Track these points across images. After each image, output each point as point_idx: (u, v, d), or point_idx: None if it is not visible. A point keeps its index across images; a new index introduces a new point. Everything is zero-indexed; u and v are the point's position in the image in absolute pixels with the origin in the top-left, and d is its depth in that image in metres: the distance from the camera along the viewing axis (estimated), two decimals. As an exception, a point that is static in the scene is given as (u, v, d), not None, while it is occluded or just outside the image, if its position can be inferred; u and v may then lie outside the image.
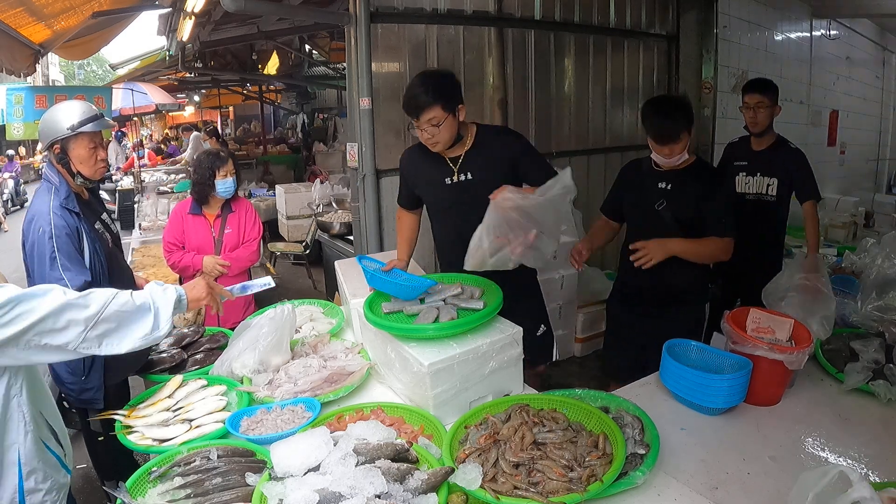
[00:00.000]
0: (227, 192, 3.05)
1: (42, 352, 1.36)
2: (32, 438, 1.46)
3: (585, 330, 4.32)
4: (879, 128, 9.43)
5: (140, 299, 1.51)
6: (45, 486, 1.49)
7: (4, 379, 1.39)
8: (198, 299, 1.74)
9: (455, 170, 2.26)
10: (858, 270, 3.03)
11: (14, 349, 1.33)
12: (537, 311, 2.55)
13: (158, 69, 9.45)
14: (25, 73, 5.31)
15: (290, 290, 5.95)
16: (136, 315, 1.48)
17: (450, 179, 2.28)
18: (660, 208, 2.39)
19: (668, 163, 2.34)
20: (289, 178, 10.06)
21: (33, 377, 1.50)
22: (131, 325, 1.47)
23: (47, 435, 1.56)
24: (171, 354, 2.29)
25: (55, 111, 2.13)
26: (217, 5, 4.16)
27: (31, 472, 1.46)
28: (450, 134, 2.15)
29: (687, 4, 5.33)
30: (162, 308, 1.53)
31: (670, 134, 2.26)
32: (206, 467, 1.55)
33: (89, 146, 2.12)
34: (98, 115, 2.15)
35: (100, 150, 2.16)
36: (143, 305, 1.50)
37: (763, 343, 1.90)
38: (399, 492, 1.33)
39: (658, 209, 2.39)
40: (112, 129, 11.36)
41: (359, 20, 3.51)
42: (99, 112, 2.18)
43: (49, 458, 1.53)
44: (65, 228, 2.01)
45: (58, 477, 1.55)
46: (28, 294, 1.34)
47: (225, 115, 16.57)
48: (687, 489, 1.50)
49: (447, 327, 1.85)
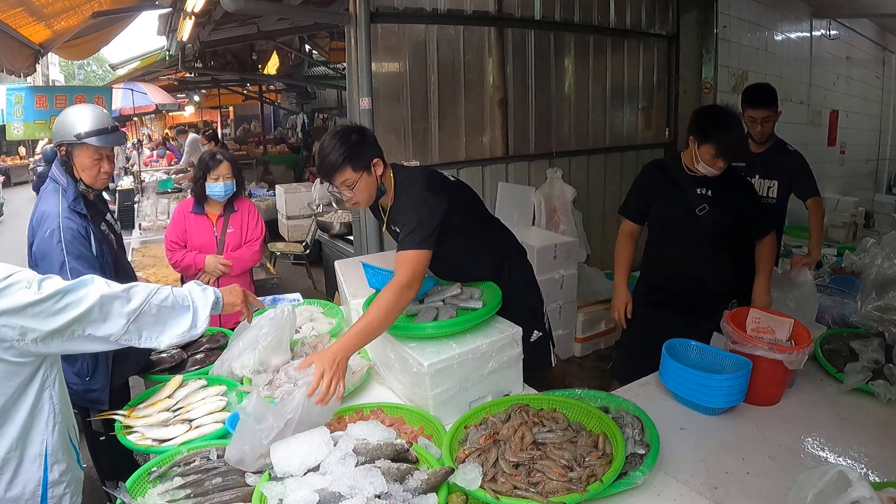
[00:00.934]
0: (218, 195, 3.02)
1: (85, 342, 1.39)
2: (59, 430, 1.47)
3: (585, 330, 4.32)
4: (879, 128, 9.43)
5: (180, 296, 1.55)
6: (67, 478, 1.50)
7: (42, 370, 1.41)
8: (233, 304, 1.79)
9: (385, 220, 2.18)
10: (858, 270, 3.02)
11: (60, 339, 1.35)
12: (528, 315, 2.34)
13: (158, 69, 9.45)
14: (25, 73, 5.31)
15: (290, 290, 5.93)
16: (176, 311, 1.52)
17: (384, 227, 2.21)
18: (701, 213, 2.41)
19: (712, 173, 2.34)
20: (289, 178, 10.05)
21: (60, 370, 1.51)
22: (171, 321, 1.51)
23: (71, 429, 1.57)
24: (171, 354, 2.29)
25: (69, 113, 2.11)
26: (217, 5, 4.16)
27: (56, 462, 1.47)
28: (367, 194, 2.03)
29: (687, 4, 5.33)
30: (200, 307, 1.57)
31: (735, 150, 2.29)
32: (205, 467, 1.55)
33: (93, 157, 2.10)
34: (109, 130, 2.11)
35: (104, 163, 2.13)
36: (183, 303, 1.54)
37: (763, 343, 1.90)
38: (399, 492, 1.33)
39: (700, 214, 2.41)
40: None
41: (359, 20, 3.51)
42: (114, 125, 2.14)
43: (71, 452, 1.54)
44: (74, 230, 2.01)
45: (76, 471, 1.56)
46: (75, 285, 1.37)
47: (225, 115, 16.57)
48: (687, 489, 1.50)
49: (446, 326, 1.86)
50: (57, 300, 1.32)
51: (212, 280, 3.03)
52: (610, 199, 5.21)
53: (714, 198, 2.40)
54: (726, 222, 2.41)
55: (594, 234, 4.95)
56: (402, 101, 3.89)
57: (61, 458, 1.48)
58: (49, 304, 1.31)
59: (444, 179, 2.20)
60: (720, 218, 2.40)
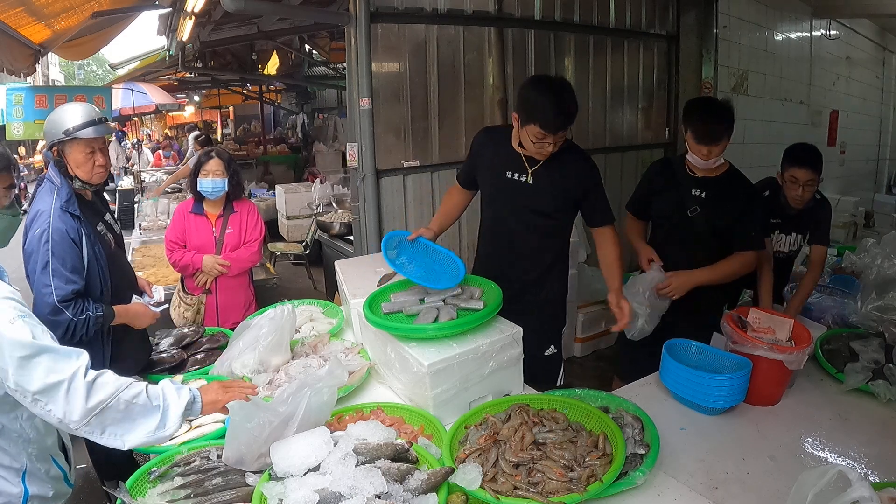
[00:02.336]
0: (208, 192, 3.01)
1: (46, 416, 1.35)
2: (38, 454, 1.48)
3: (585, 330, 4.33)
4: (879, 128, 9.44)
5: (154, 395, 1.45)
6: (50, 495, 1.52)
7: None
8: (213, 402, 1.57)
9: (529, 170, 2.22)
10: (858, 270, 3.02)
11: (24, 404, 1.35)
12: (551, 329, 2.44)
13: (158, 69, 9.45)
14: (25, 73, 5.32)
15: (290, 290, 5.95)
16: (144, 410, 1.42)
17: (511, 174, 2.24)
18: (692, 215, 2.39)
19: (704, 165, 2.33)
20: (289, 178, 10.06)
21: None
22: (137, 419, 1.41)
23: (57, 451, 1.58)
24: (171, 354, 2.30)
25: (57, 113, 2.11)
26: (217, 5, 4.16)
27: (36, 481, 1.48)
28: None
29: (687, 4, 5.33)
30: (172, 407, 1.46)
31: (715, 135, 2.26)
32: (205, 467, 1.55)
33: (86, 151, 2.09)
34: (98, 120, 2.11)
35: (98, 156, 2.12)
36: (153, 401, 1.44)
37: (763, 343, 1.90)
38: (399, 492, 1.33)
39: (690, 216, 2.40)
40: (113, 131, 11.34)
41: (359, 20, 3.51)
42: (101, 116, 2.14)
43: (56, 473, 1.55)
44: (63, 231, 2.00)
45: (60, 489, 1.57)
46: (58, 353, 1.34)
47: (225, 115, 16.58)
48: (687, 489, 1.50)
49: (447, 327, 1.85)
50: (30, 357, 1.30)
51: (209, 280, 3.03)
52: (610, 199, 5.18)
53: (707, 200, 2.38)
54: (717, 226, 2.38)
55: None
56: (402, 101, 3.89)
57: (43, 477, 1.50)
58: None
59: None
60: (711, 221, 2.37)
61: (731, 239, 2.38)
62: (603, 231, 2.29)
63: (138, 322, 2.19)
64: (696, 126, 2.29)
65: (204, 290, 3.05)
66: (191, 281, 3.07)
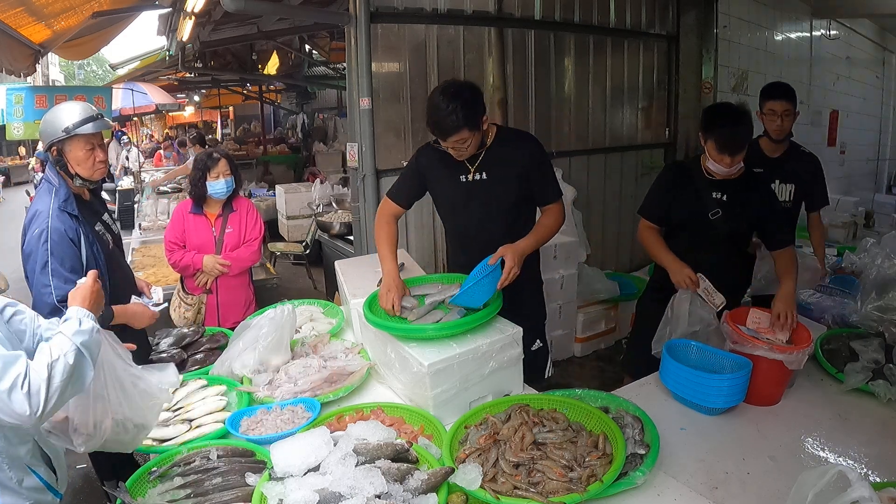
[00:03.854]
0: (219, 193, 3.02)
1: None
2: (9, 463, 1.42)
3: (585, 330, 4.32)
4: (879, 128, 9.43)
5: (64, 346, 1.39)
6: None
7: None
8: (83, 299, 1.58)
9: (472, 168, 2.23)
10: (858, 270, 3.02)
11: None
12: (534, 323, 2.38)
13: (158, 69, 9.46)
14: (25, 73, 5.32)
15: (290, 290, 5.95)
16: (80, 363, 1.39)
17: (464, 177, 2.25)
18: (714, 218, 2.37)
19: (727, 173, 2.30)
20: (289, 178, 10.06)
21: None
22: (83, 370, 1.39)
23: (35, 461, 1.50)
24: (171, 354, 2.29)
25: (53, 113, 2.12)
26: (217, 5, 4.16)
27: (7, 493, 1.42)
28: (475, 145, 2.14)
29: (687, 4, 5.33)
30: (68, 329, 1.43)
31: (741, 144, 2.24)
32: (206, 467, 1.55)
33: (86, 147, 2.09)
34: (95, 116, 2.12)
35: (98, 152, 2.13)
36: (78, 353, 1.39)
37: (763, 343, 1.90)
38: (399, 492, 1.33)
39: (712, 219, 2.38)
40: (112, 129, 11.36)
41: (359, 20, 3.51)
42: (97, 113, 2.15)
43: (34, 483, 1.47)
44: (62, 231, 2.00)
45: (42, 499, 1.50)
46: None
47: (225, 115, 16.57)
48: (687, 489, 1.50)
49: (447, 327, 1.86)
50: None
51: (210, 280, 3.03)
52: (610, 199, 5.21)
53: (729, 203, 2.36)
54: (740, 228, 2.38)
55: (594, 235, 4.94)
56: (402, 101, 3.89)
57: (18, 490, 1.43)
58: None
59: None
60: (733, 224, 2.36)
61: (764, 239, 2.42)
62: (552, 208, 2.30)
63: (137, 322, 2.19)
64: (718, 136, 2.24)
65: (204, 290, 3.05)
66: (191, 281, 3.07)
